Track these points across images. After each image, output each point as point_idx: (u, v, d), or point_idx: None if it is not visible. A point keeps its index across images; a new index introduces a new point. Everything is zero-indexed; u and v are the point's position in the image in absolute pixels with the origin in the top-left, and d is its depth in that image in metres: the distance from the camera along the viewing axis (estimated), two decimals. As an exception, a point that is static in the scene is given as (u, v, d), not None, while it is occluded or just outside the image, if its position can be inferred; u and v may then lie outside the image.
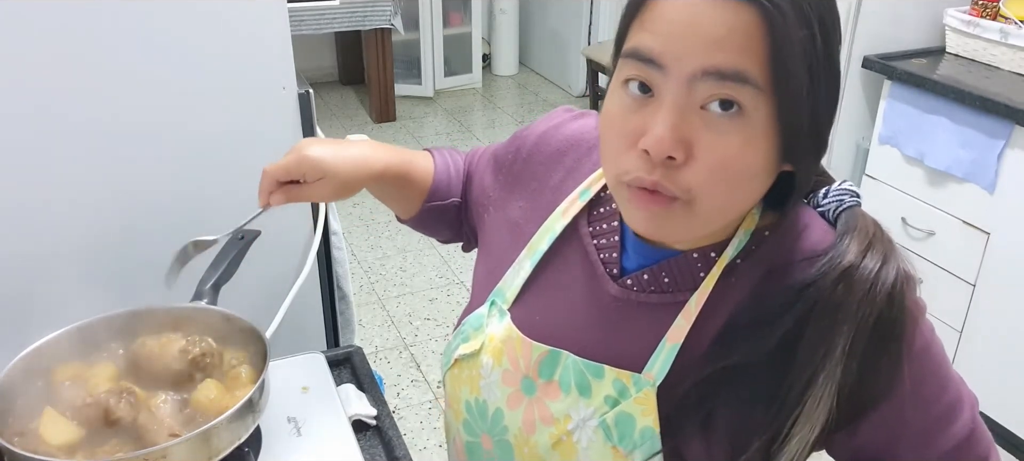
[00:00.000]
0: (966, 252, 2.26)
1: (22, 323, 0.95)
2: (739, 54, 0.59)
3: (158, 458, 0.82)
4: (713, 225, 0.69)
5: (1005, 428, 2.28)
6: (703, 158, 0.61)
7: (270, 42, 1.12)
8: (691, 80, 0.60)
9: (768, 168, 0.64)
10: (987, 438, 0.75)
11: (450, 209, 0.97)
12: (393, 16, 4.17)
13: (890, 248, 0.67)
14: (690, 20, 0.60)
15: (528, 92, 5.21)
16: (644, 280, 0.74)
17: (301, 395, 1.08)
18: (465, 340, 0.82)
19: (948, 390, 0.72)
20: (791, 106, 0.61)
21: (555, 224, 0.80)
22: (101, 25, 1.02)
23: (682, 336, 0.71)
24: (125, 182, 1.10)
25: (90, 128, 1.06)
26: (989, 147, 2.13)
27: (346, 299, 1.41)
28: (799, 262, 0.69)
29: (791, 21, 0.58)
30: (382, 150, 0.91)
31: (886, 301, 0.65)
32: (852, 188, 0.72)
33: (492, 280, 0.84)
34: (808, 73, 0.60)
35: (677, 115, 0.61)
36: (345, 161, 0.86)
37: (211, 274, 1.02)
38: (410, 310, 3.00)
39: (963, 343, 2.33)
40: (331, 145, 0.87)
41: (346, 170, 0.86)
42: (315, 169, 0.85)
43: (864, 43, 2.47)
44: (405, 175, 0.93)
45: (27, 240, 1.07)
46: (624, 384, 0.72)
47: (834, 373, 0.65)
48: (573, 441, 0.74)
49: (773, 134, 0.62)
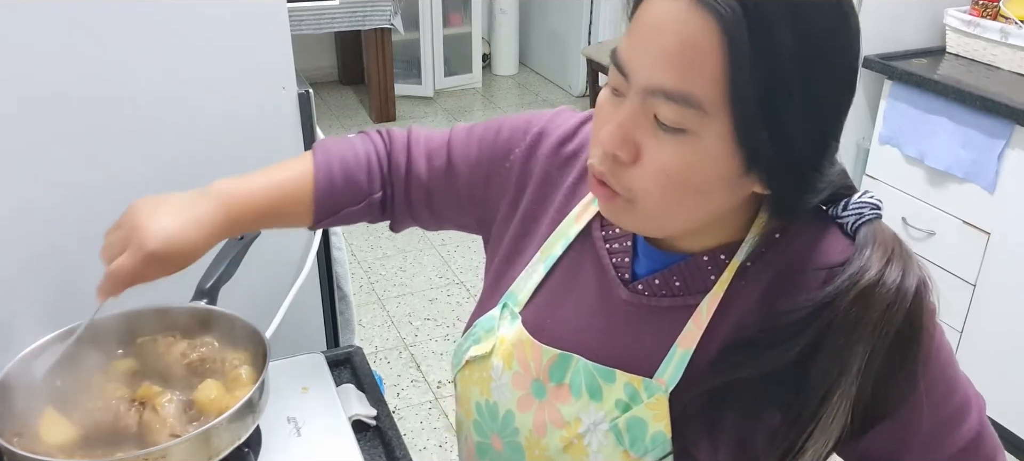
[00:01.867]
0: (966, 252, 2.26)
1: (22, 323, 0.95)
2: (687, 72, 0.59)
3: (158, 458, 0.82)
4: (670, 227, 0.70)
5: (1006, 428, 2.28)
6: (647, 164, 0.63)
7: (270, 42, 1.12)
8: (644, 92, 0.61)
9: (725, 183, 0.64)
10: (994, 440, 0.76)
11: (357, 213, 0.90)
12: (393, 16, 4.17)
13: (908, 263, 0.66)
14: (652, 31, 0.61)
15: (528, 92, 5.21)
16: (655, 284, 0.74)
17: (301, 395, 1.08)
18: (476, 342, 0.82)
19: (956, 392, 0.72)
20: (747, 126, 0.60)
21: (569, 229, 0.80)
22: (101, 25, 1.02)
23: (694, 342, 0.71)
24: (125, 182, 1.10)
25: (90, 128, 1.06)
26: (989, 147, 2.13)
27: (346, 299, 1.41)
28: (813, 272, 0.68)
29: (756, 37, 0.57)
30: (238, 192, 0.83)
31: (904, 320, 0.64)
32: (873, 200, 0.70)
33: (504, 282, 0.83)
34: (775, 91, 0.58)
35: (629, 118, 0.63)
36: (187, 237, 0.79)
37: (211, 274, 1.02)
38: (410, 310, 3.00)
39: (963, 343, 2.33)
40: (173, 219, 0.79)
41: (188, 249, 0.80)
42: (158, 265, 0.79)
43: (864, 43, 2.44)
44: (266, 214, 0.85)
45: (27, 240, 1.07)
46: (635, 389, 0.72)
47: (849, 391, 0.65)
48: (584, 444, 0.74)
49: (729, 151, 0.61)
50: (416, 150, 0.90)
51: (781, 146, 0.61)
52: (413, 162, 0.89)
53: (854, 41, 0.63)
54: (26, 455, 0.81)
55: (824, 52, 0.60)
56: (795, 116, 0.60)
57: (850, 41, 0.62)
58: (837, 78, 0.62)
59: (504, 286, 0.83)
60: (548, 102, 5.02)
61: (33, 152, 1.04)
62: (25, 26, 0.98)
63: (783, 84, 0.58)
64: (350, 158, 0.88)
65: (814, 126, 0.62)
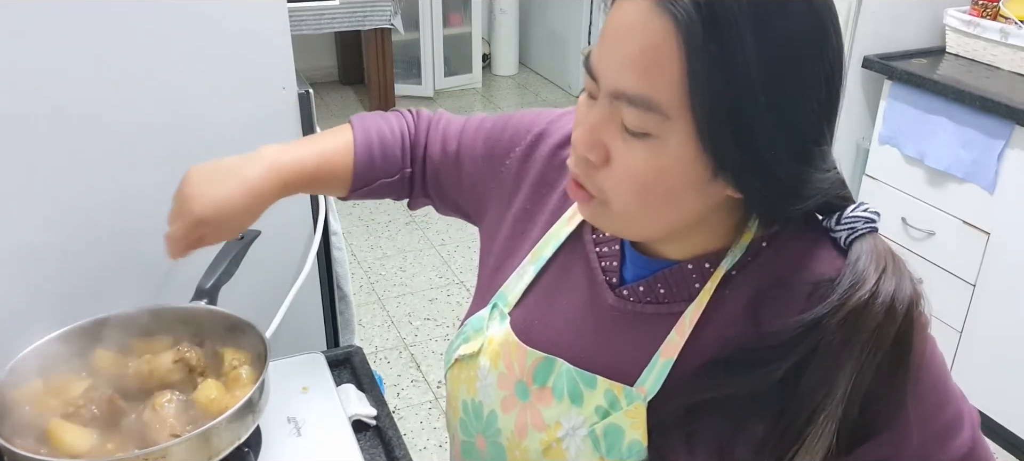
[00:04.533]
0: (966, 252, 2.26)
1: (22, 323, 0.95)
2: (648, 76, 0.59)
3: (158, 458, 0.82)
4: (647, 230, 0.69)
5: (1005, 428, 2.28)
6: (616, 167, 0.64)
7: (270, 42, 1.12)
8: (610, 96, 0.62)
9: (695, 187, 0.63)
10: (987, 455, 0.74)
11: (391, 187, 0.93)
12: (393, 16, 4.16)
13: (901, 279, 0.64)
14: (616, 34, 0.61)
15: (528, 92, 5.21)
16: (640, 291, 0.74)
17: (301, 395, 1.08)
18: (466, 341, 0.82)
19: (948, 406, 0.71)
20: (710, 130, 0.59)
21: (560, 231, 0.80)
22: (101, 25, 1.02)
23: (676, 352, 0.70)
24: (125, 182, 1.10)
25: (90, 128, 1.06)
26: (989, 147, 2.13)
27: (346, 299, 1.41)
28: (800, 285, 0.67)
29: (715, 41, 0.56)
30: (278, 166, 0.85)
31: (894, 339, 0.63)
32: (867, 213, 0.67)
33: (495, 282, 0.84)
34: (738, 96, 0.57)
35: (598, 121, 0.63)
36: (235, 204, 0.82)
37: (211, 274, 1.02)
38: (410, 310, 3.00)
39: (963, 343, 2.33)
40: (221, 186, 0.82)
41: (241, 212, 0.83)
42: (210, 229, 0.82)
43: (864, 43, 2.47)
44: (313, 180, 0.88)
45: (27, 240, 1.07)
46: (615, 395, 0.72)
47: (836, 412, 0.64)
48: (562, 448, 0.74)
49: (693, 155, 0.60)
50: (434, 133, 0.93)
51: (749, 151, 0.60)
52: (429, 144, 0.92)
53: (830, 44, 0.60)
54: (27, 455, 0.81)
55: (793, 57, 0.58)
56: (763, 121, 0.58)
57: (825, 44, 0.60)
58: (810, 82, 0.60)
59: (495, 286, 0.83)
60: (548, 102, 5.01)
61: (33, 152, 1.04)
62: (25, 26, 0.98)
63: (746, 89, 0.57)
64: (387, 132, 0.92)
65: (787, 132, 0.60)
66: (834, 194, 0.67)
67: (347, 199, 0.94)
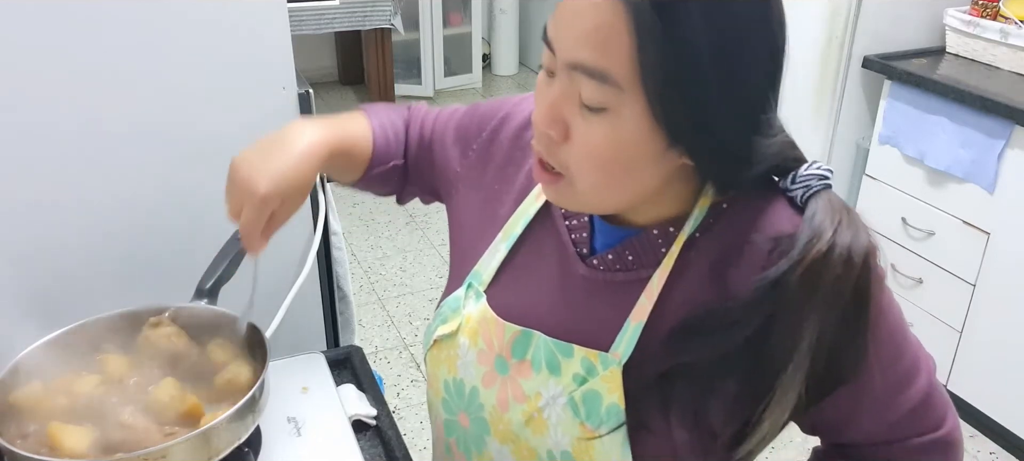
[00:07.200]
0: (966, 252, 2.26)
1: (22, 323, 0.95)
2: (602, 50, 0.61)
3: (158, 458, 0.82)
4: (610, 203, 0.71)
5: (1005, 428, 2.28)
6: (576, 142, 0.66)
7: (270, 42, 1.12)
8: (568, 67, 0.64)
9: (651, 158, 0.65)
10: (944, 400, 0.77)
11: (392, 173, 0.95)
12: (393, 16, 4.16)
13: (857, 230, 0.66)
14: (571, 10, 0.63)
15: (528, 92, 5.21)
16: (610, 260, 0.76)
17: (301, 395, 1.08)
18: (443, 321, 0.84)
19: (905, 355, 0.74)
20: (662, 104, 0.61)
21: (530, 207, 0.82)
22: (101, 26, 1.02)
23: (645, 315, 0.72)
24: (125, 182, 1.10)
25: (90, 128, 1.06)
26: (989, 147, 2.13)
27: (346, 299, 1.41)
28: (761, 243, 0.69)
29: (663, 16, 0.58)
30: (321, 132, 0.85)
31: (853, 289, 0.66)
32: (820, 171, 0.70)
33: (468, 262, 0.86)
34: (688, 69, 0.60)
35: (558, 97, 0.65)
36: (294, 172, 0.81)
37: (211, 274, 1.02)
38: (410, 310, 3.00)
39: (963, 343, 2.33)
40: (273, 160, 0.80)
41: (301, 179, 0.81)
42: (277, 203, 0.80)
43: (864, 43, 2.47)
44: (347, 151, 0.89)
45: (26, 241, 1.07)
46: (592, 362, 0.74)
47: (803, 363, 0.66)
48: (544, 417, 0.76)
49: (648, 128, 0.63)
50: (414, 125, 0.96)
51: (700, 123, 0.63)
52: (409, 135, 0.96)
53: (775, 18, 0.63)
54: (28, 455, 0.81)
55: (740, 34, 0.61)
56: (713, 96, 0.62)
57: (770, 18, 0.63)
58: (757, 57, 0.63)
59: (469, 266, 0.85)
60: (548, 102, 5.02)
61: (33, 153, 1.04)
62: (25, 26, 0.98)
63: (696, 66, 0.60)
64: (395, 119, 0.97)
65: (736, 105, 0.63)
66: (785, 156, 0.70)
67: (356, 184, 0.96)
